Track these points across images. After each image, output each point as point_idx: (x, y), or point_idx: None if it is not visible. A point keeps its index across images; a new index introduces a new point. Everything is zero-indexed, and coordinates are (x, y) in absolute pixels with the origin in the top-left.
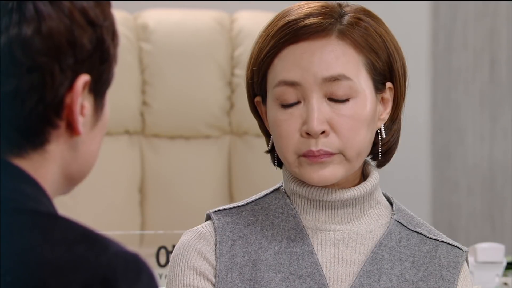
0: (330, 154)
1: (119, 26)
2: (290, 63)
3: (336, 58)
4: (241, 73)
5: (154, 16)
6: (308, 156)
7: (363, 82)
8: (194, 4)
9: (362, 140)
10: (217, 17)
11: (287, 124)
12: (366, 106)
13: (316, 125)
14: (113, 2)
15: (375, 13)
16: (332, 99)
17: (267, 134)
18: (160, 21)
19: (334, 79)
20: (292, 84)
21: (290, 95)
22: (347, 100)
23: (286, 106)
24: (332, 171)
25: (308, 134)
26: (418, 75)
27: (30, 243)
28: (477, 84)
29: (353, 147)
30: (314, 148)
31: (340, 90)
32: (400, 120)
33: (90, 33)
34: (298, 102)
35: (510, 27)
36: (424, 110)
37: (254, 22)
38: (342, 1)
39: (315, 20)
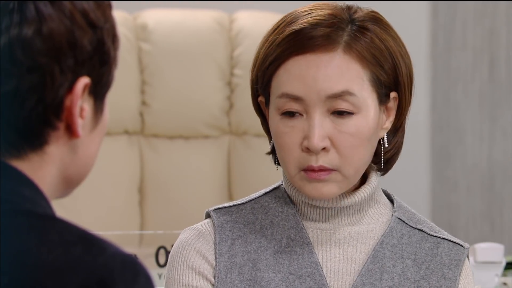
0: (329, 170)
1: (119, 26)
2: (295, 77)
3: (341, 74)
4: (241, 73)
5: (153, 16)
6: (308, 172)
7: (367, 97)
8: (194, 4)
9: (361, 158)
10: (217, 17)
11: (288, 137)
12: (368, 122)
13: (317, 142)
14: (112, 2)
15: (384, 19)
16: (335, 115)
17: (269, 132)
18: (159, 21)
19: (338, 95)
20: (296, 98)
21: (292, 106)
22: (349, 115)
23: (288, 116)
24: (329, 188)
25: (308, 149)
26: (417, 75)
27: (27, 244)
28: (476, 84)
29: (351, 164)
30: (314, 164)
31: (343, 105)
32: (404, 128)
33: (90, 35)
34: (301, 115)
35: (510, 27)
36: (423, 110)
37: (254, 22)
38: (350, 2)
39: (322, 32)
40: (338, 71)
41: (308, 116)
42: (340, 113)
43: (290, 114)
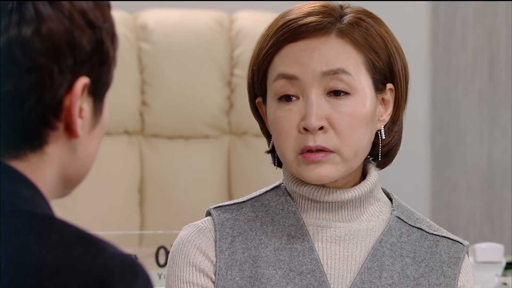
0: (327, 151)
1: (119, 26)
2: (290, 59)
3: (336, 54)
4: (241, 73)
5: (153, 16)
6: (306, 154)
7: (362, 80)
8: (194, 4)
9: (360, 139)
10: (217, 17)
11: (285, 120)
12: (365, 105)
13: (314, 121)
14: (112, 2)
15: (376, 15)
16: (331, 95)
17: (268, 136)
18: (159, 21)
19: (334, 73)
20: (291, 77)
21: (289, 89)
22: (346, 95)
23: (284, 100)
24: (328, 170)
25: (306, 129)
26: (417, 75)
27: (27, 245)
28: (476, 84)
29: (350, 145)
30: (312, 144)
31: (339, 84)
32: (401, 121)
33: (89, 35)
34: (297, 98)
35: (510, 27)
36: (423, 110)
37: (254, 22)
38: (343, 2)
39: (314, 19)
40: (332, 52)
41: (305, 97)
42: (336, 94)
43: (286, 98)
